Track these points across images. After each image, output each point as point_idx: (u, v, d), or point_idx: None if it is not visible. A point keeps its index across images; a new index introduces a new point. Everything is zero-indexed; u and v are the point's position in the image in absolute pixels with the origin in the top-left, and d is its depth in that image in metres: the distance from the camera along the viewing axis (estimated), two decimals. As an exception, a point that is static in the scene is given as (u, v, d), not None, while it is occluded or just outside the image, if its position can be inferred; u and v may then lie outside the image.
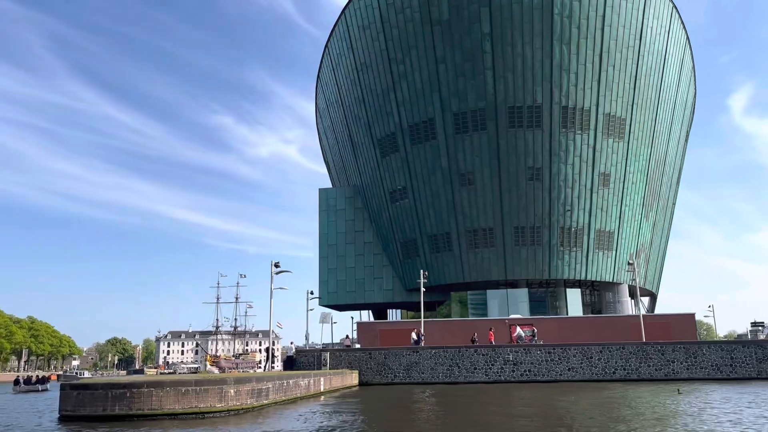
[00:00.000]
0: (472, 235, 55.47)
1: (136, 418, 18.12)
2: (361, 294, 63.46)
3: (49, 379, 64.40)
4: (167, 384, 18.55)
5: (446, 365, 42.39)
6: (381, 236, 63.05)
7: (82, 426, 17.14)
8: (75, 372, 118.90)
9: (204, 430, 15.88)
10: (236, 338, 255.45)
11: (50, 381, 64.22)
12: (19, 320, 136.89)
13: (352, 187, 66.79)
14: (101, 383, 18.71)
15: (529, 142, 52.68)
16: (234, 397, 19.76)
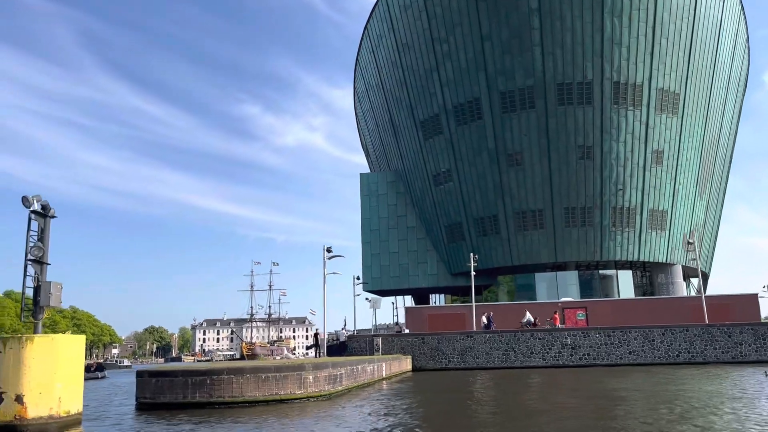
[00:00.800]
0: (520, 217, 54.17)
1: (216, 405, 17.58)
2: (405, 279, 62.71)
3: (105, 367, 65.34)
4: (247, 371, 17.96)
5: (502, 350, 41.44)
6: (424, 220, 62.09)
7: (166, 414, 16.64)
8: (115, 360, 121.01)
9: (302, 419, 15.21)
10: (270, 325, 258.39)
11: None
12: (62, 310, 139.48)
13: (394, 171, 65.85)
14: (180, 370, 18.22)
15: (580, 120, 51.03)
16: (312, 383, 19.13)
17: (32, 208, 14.61)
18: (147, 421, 15.26)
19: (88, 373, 57.33)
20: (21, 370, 13.45)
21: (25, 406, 13.34)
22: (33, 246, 14.56)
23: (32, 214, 14.78)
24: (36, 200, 14.56)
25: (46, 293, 14.49)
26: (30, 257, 14.64)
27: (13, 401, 13.32)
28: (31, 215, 14.81)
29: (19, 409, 13.30)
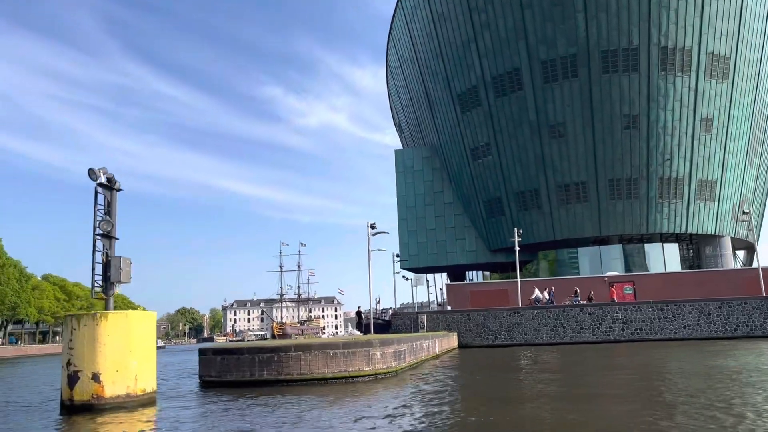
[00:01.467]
0: (563, 190, 52.79)
1: (285, 383, 17.04)
2: (443, 256, 61.89)
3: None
4: (315, 347, 17.36)
5: (550, 326, 40.53)
6: (462, 196, 60.99)
7: (234, 391, 16.14)
8: None
9: (378, 396, 14.56)
10: (300, 305, 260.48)
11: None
12: (98, 291, 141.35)
13: (429, 146, 64.69)
14: (247, 348, 17.69)
15: (625, 88, 49.23)
16: (380, 360, 18.49)
17: (99, 181, 14.02)
18: (219, 399, 14.74)
19: None
20: (96, 348, 12.96)
21: (102, 384, 12.87)
22: (102, 220, 14.01)
23: (99, 187, 14.21)
24: (102, 173, 13.97)
25: (116, 268, 13.95)
26: (98, 232, 14.08)
27: (90, 380, 12.86)
28: (97, 188, 14.23)
29: (96, 388, 12.84)
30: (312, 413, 11.74)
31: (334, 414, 11.57)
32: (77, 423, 11.61)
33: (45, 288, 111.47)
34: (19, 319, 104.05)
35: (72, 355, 13.01)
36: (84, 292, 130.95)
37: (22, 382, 24.93)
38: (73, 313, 13.24)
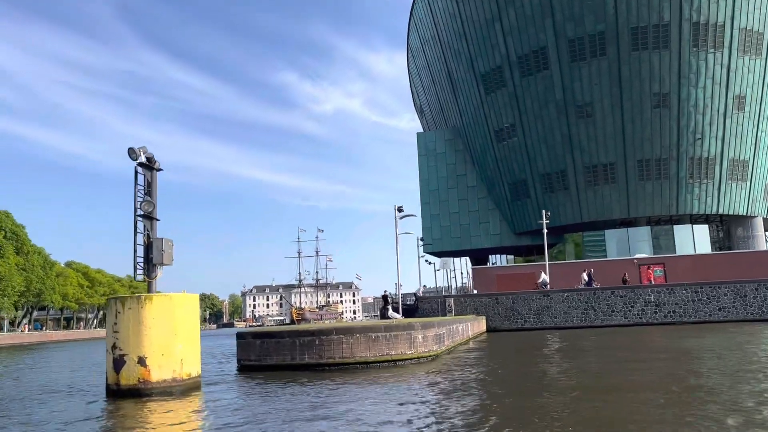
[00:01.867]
0: (590, 171, 51.84)
1: (327, 367, 16.67)
2: (467, 240, 61.30)
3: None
4: (357, 331, 16.95)
5: (581, 308, 39.91)
6: (486, 179, 60.23)
7: (275, 376, 15.81)
8: None
9: (424, 380, 14.13)
10: (318, 290, 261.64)
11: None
12: (120, 279, 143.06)
13: (452, 129, 63.86)
14: (287, 331, 17.33)
15: (655, 66, 48.01)
16: (422, 343, 18.05)
17: (139, 160, 13.63)
18: (264, 383, 14.39)
19: None
20: (142, 331, 12.63)
21: (148, 368, 12.55)
22: (143, 201, 13.63)
23: (139, 167, 13.82)
24: (142, 152, 13.57)
25: (158, 250, 13.58)
26: (140, 212, 13.71)
27: (136, 364, 12.55)
28: (137, 168, 13.85)
29: (142, 372, 12.53)
30: (361, 395, 11.35)
31: (382, 397, 11.16)
32: (126, 407, 11.31)
33: (69, 275, 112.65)
34: (42, 306, 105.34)
35: (117, 338, 12.70)
36: (106, 279, 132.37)
37: (61, 367, 24.83)
38: (118, 295, 12.91)
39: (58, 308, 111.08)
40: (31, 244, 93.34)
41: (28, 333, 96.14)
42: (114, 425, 9.87)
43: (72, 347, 56.98)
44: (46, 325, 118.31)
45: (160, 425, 9.56)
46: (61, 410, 11.49)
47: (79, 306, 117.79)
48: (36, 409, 11.82)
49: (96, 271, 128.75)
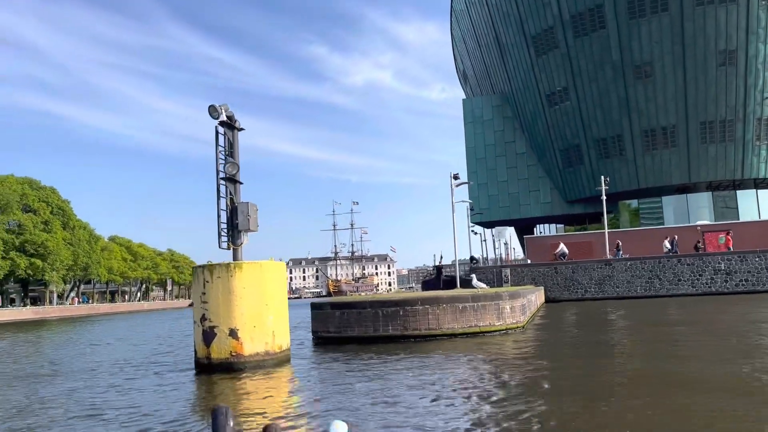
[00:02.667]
0: (648, 135, 49.52)
1: (412, 338, 15.70)
2: (516, 209, 59.68)
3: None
4: (444, 301, 15.91)
5: (645, 278, 38.27)
6: (536, 145, 58.25)
7: (358, 348, 14.92)
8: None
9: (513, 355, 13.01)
10: (354, 263, 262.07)
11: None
12: (161, 253, 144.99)
13: (499, 94, 61.78)
14: (369, 301, 16.38)
15: (721, 21, 45.18)
16: (510, 314, 16.96)
17: (220, 118, 12.62)
18: (350, 358, 13.45)
19: None
20: (233, 302, 11.77)
21: (240, 341, 11.72)
22: (227, 163, 12.66)
23: (220, 126, 12.83)
24: (223, 110, 12.55)
25: (243, 215, 12.64)
26: (222, 175, 12.76)
27: (227, 336, 11.72)
28: (217, 128, 12.86)
29: (234, 345, 11.70)
30: (461, 370, 10.31)
31: (484, 370, 10.10)
32: (224, 384, 10.48)
33: (112, 249, 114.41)
34: (88, 279, 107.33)
35: (206, 309, 11.86)
36: (148, 253, 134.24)
37: (140, 340, 24.31)
38: (205, 264, 12.04)
39: (103, 282, 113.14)
40: (77, 219, 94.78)
41: (76, 306, 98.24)
42: (223, 403, 9.00)
43: (122, 320, 57.58)
44: (92, 298, 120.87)
45: (273, 404, 8.66)
46: (155, 387, 10.72)
47: (123, 279, 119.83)
48: (134, 385, 11.09)
49: (138, 245, 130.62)
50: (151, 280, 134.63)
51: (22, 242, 79.18)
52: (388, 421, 6.99)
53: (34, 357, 17.84)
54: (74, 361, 16.11)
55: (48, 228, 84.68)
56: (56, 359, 16.73)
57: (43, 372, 13.79)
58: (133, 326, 39.08)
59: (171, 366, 13.49)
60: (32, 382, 12.08)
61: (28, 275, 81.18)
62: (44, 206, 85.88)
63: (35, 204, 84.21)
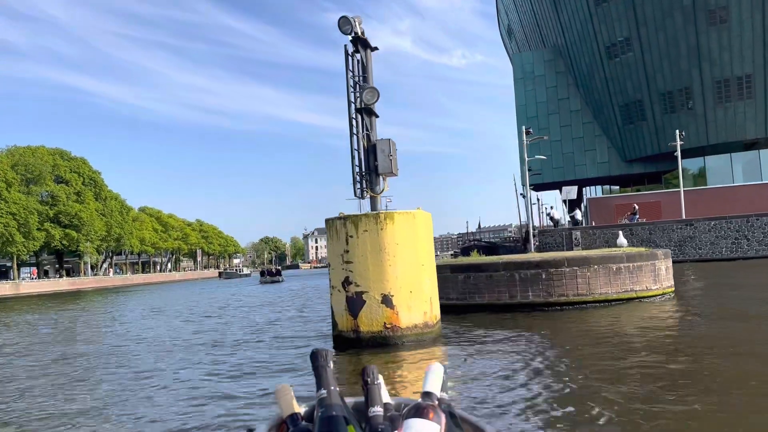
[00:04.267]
0: (721, 86, 45.97)
1: (558, 306, 13.25)
2: (571, 170, 56.59)
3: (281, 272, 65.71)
4: (594, 261, 13.39)
5: (731, 238, 35.35)
6: (592, 102, 54.82)
7: (499, 316, 12.53)
8: (235, 269, 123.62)
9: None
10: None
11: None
12: (191, 223, 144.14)
13: (552, 48, 58.17)
14: (502, 263, 13.90)
15: (809, -42, 41.23)
16: (665, 275, 14.40)
17: (353, 33, 10.05)
18: (509, 332, 11.06)
19: (270, 276, 57.51)
20: (384, 261, 9.36)
21: (395, 310, 9.33)
22: (364, 89, 10.13)
23: (351, 44, 10.27)
24: (357, 22, 9.98)
25: (384, 155, 10.15)
26: (357, 105, 10.25)
27: (380, 304, 9.33)
28: (347, 47, 10.33)
29: (389, 315, 9.32)
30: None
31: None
32: (392, 366, 8.11)
33: (144, 219, 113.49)
34: (119, 250, 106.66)
35: (351, 271, 9.46)
36: (178, 223, 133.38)
37: (227, 311, 22.16)
38: (348, 215, 9.62)
39: (136, 252, 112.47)
40: (108, 190, 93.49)
41: (111, 277, 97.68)
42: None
43: (163, 290, 56.15)
44: (124, 269, 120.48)
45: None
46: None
47: (155, 250, 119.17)
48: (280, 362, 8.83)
49: (168, 215, 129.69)
50: (182, 250, 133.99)
51: (56, 213, 78.05)
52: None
53: (155, 330, 15.78)
54: (198, 334, 14.00)
55: (80, 199, 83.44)
56: (178, 333, 14.62)
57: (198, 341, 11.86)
58: (184, 296, 37.29)
59: (306, 340, 11.23)
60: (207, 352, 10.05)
61: (63, 246, 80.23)
62: (76, 177, 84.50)
63: (67, 175, 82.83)
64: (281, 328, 13.91)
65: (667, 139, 49.56)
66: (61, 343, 13.99)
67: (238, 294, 35.68)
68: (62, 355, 11.61)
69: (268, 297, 29.36)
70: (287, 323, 15.13)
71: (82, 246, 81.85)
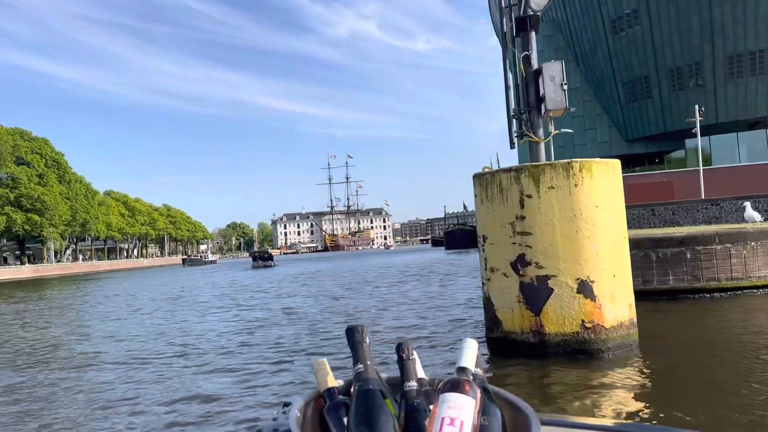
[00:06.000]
0: (733, 61, 44.15)
1: (707, 293, 10.60)
2: (570, 149, 54.17)
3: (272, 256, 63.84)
4: (752, 236, 10.75)
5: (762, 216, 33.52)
6: (593, 79, 52.63)
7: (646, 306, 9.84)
8: (200, 256, 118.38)
9: None
10: (349, 217, 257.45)
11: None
12: (158, 208, 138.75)
13: (551, 23, 55.63)
14: (633, 239, 11.11)
15: (831, -74, 39.48)
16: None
17: None
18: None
19: (262, 261, 54.32)
20: (580, 231, 6.46)
21: (597, 302, 6.46)
22: (534, 10, 7.19)
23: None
24: None
25: (554, 84, 7.27)
26: (516, 14, 7.30)
27: (574, 293, 6.45)
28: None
29: (588, 309, 6.44)
30: None
31: None
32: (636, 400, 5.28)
33: (110, 204, 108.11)
34: (83, 236, 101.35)
35: (529, 245, 6.52)
36: (145, 208, 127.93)
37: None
38: (521, 166, 6.67)
39: (102, 238, 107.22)
40: (72, 173, 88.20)
41: (78, 263, 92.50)
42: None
43: (136, 277, 52.26)
44: (91, 256, 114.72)
45: None
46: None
47: (122, 236, 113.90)
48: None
49: (135, 200, 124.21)
50: (149, 236, 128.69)
51: (17, 197, 72.84)
52: None
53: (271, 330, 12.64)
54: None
55: (43, 182, 78.22)
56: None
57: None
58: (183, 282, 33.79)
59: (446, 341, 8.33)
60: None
61: (25, 232, 75.09)
62: (38, 158, 79.12)
63: (28, 156, 77.44)
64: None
65: (673, 118, 47.83)
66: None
67: (260, 281, 31.98)
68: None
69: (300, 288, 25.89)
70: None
71: (45, 231, 76.80)
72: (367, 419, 1.10)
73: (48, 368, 8.53)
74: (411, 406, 1.15)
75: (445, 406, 1.07)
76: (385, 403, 1.13)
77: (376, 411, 1.11)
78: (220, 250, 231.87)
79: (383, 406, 1.12)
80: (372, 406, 1.12)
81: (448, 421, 1.04)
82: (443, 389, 1.11)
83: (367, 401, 1.13)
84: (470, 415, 1.06)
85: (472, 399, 1.08)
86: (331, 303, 15.78)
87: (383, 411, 1.11)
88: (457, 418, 1.04)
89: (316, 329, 10.75)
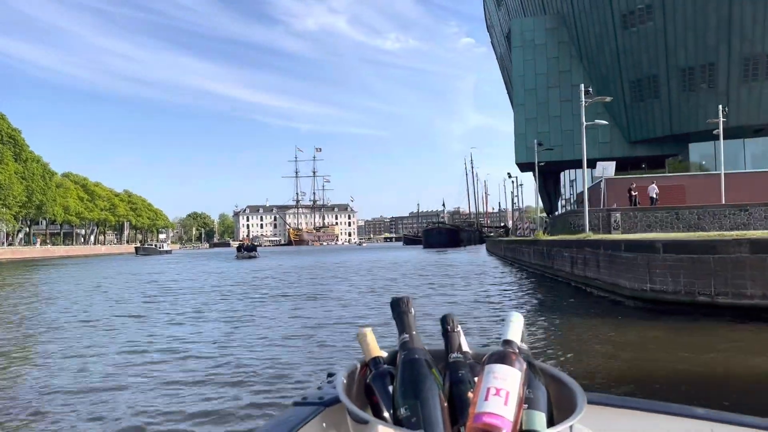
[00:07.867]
0: (749, 63, 42.59)
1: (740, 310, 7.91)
2: (570, 149, 52.17)
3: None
4: None
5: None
6: (598, 76, 50.56)
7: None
8: (155, 245, 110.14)
9: None
10: (314, 212, 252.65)
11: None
12: (118, 194, 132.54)
13: (556, 15, 53.39)
14: (635, 241, 8.33)
15: None
16: None
17: None
18: None
19: (247, 252, 51.32)
20: None
21: None
22: None
23: None
24: None
25: None
26: None
27: None
28: None
29: None
30: None
31: None
32: None
33: (68, 186, 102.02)
34: (38, 219, 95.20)
35: None
36: (105, 192, 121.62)
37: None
38: None
39: (59, 222, 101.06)
40: (30, 151, 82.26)
41: (32, 248, 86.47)
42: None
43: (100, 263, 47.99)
44: (45, 240, 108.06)
45: None
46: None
47: (80, 220, 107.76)
48: None
49: (94, 184, 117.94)
50: (108, 222, 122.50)
51: (-32, 173, 67.17)
52: None
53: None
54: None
55: (-3, 158, 72.47)
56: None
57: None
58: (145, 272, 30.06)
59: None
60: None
61: (-25, 212, 69.40)
62: (-8, 133, 73.31)
63: (-19, 129, 71.67)
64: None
65: (681, 120, 46.17)
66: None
67: (256, 272, 28.61)
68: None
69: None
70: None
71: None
72: (414, 388, 1.10)
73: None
74: (456, 376, 1.17)
75: (491, 376, 1.07)
76: (431, 373, 1.13)
77: (422, 380, 1.11)
78: (180, 239, 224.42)
79: (429, 375, 1.12)
80: (418, 375, 1.12)
81: (493, 392, 1.04)
82: (489, 360, 1.11)
83: (413, 370, 1.13)
84: (516, 387, 1.06)
85: (518, 371, 1.09)
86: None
87: (429, 380, 1.11)
88: (502, 389, 1.04)
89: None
